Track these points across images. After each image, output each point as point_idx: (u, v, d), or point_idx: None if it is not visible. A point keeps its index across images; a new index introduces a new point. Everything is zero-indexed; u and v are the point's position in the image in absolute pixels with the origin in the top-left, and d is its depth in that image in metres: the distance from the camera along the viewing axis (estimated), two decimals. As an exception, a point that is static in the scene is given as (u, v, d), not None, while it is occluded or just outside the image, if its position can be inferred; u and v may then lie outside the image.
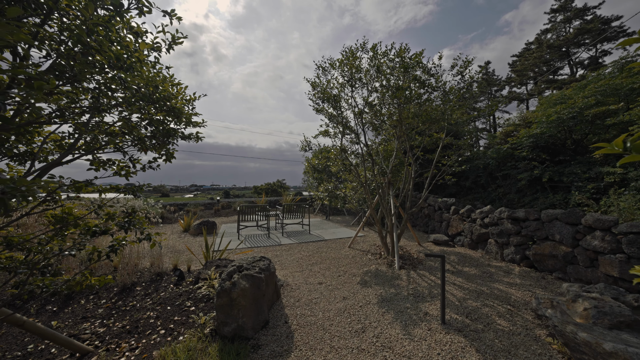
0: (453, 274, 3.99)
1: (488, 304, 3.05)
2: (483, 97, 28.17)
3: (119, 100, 1.87)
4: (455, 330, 2.52)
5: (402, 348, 2.27)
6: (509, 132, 10.47)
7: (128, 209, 2.26)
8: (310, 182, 12.19)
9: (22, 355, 2.24)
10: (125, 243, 2.25)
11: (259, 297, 2.58)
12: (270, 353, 2.23)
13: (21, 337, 2.51)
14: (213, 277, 3.32)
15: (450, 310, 2.91)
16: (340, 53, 4.82)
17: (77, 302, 3.22)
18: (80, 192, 1.82)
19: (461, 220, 5.72)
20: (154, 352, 2.25)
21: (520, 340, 2.36)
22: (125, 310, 3.00)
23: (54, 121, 1.97)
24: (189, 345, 2.24)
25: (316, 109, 5.21)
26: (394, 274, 4.03)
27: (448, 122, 5.02)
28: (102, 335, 2.54)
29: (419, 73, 4.57)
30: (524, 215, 4.25)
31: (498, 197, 7.12)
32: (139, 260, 4.15)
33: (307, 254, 5.22)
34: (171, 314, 2.88)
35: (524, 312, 2.86)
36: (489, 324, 2.63)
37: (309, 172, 11.58)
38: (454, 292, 3.38)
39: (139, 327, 2.66)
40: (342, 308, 2.98)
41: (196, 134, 2.98)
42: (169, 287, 3.52)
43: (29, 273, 1.98)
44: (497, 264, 4.41)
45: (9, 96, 1.07)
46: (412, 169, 5.09)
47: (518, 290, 3.40)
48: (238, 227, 6.99)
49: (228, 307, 2.35)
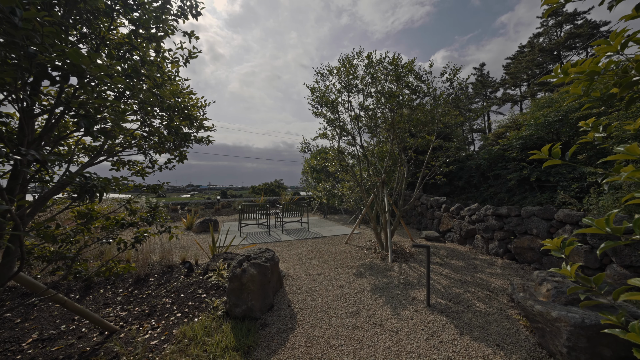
0: (441, 266, 4.34)
1: (470, 290, 3.40)
2: (478, 98, 28.70)
3: (155, 111, 2.18)
4: (438, 312, 2.86)
5: (391, 325, 2.60)
6: (500, 133, 10.88)
7: (151, 205, 2.57)
8: (308, 181, 12.52)
9: (57, 333, 2.54)
10: (147, 235, 2.57)
11: (265, 283, 2.90)
12: (276, 330, 2.55)
13: (52, 319, 2.81)
14: (221, 268, 3.63)
15: (435, 296, 3.25)
16: (338, 61, 5.15)
17: (97, 291, 3.51)
18: (123, 190, 2.12)
19: (451, 218, 6.08)
20: (173, 330, 2.56)
21: (494, 318, 2.71)
22: (142, 297, 3.31)
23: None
24: (204, 324, 2.56)
25: (315, 113, 5.54)
26: (387, 266, 4.37)
27: (438, 126, 5.37)
28: (125, 317, 2.84)
29: (411, 79, 4.92)
30: (506, 212, 4.62)
31: (490, 196, 7.50)
32: (149, 254, 4.45)
33: (307, 249, 5.55)
34: (185, 300, 3.19)
35: (501, 297, 3.21)
36: (468, 306, 2.98)
37: (307, 172, 11.91)
38: (441, 281, 3.73)
39: (157, 311, 2.97)
40: (339, 295, 3.32)
41: (207, 137, 3.30)
42: (180, 278, 3.82)
43: (72, 261, 2.29)
44: (482, 257, 4.77)
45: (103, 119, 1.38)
46: (405, 169, 5.44)
47: (498, 279, 3.76)
48: (239, 225, 7.29)
49: (239, 290, 2.67)
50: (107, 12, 1.72)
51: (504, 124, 10.98)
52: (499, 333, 2.45)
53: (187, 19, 2.14)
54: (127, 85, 1.36)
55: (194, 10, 2.10)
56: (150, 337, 2.47)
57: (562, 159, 1.19)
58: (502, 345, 2.27)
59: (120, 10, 1.75)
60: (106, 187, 1.22)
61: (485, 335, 2.43)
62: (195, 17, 2.15)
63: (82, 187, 1.09)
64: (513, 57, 26.25)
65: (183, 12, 2.09)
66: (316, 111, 5.53)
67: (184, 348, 2.23)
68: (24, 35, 0.82)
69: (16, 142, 1.44)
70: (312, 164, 10.32)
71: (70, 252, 2.42)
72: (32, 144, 1.59)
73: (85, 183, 1.09)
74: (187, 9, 2.08)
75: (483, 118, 27.38)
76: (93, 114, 1.14)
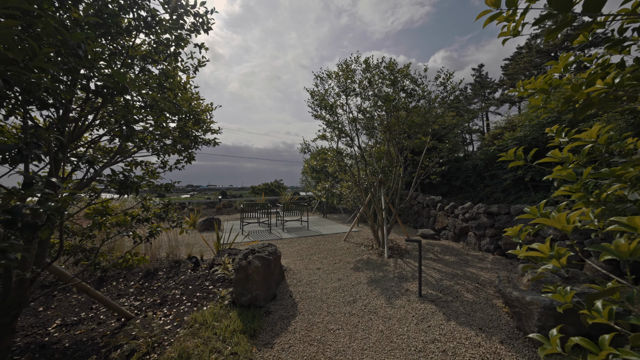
0: (435, 261, 4.57)
1: (460, 283, 3.63)
2: (477, 99, 28.96)
3: (171, 118, 2.42)
4: (429, 301, 3.09)
5: (385, 312, 2.83)
6: (496, 134, 11.10)
7: (164, 202, 2.80)
8: (308, 181, 12.75)
9: (77, 320, 2.77)
10: (160, 230, 2.79)
11: (268, 274, 3.13)
12: (279, 317, 2.78)
13: (71, 308, 3.03)
14: (227, 263, 3.86)
15: (427, 287, 3.48)
16: (337, 65, 5.39)
17: (110, 283, 3.74)
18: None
19: (446, 216, 6.32)
20: (185, 317, 2.79)
21: (479, 307, 2.94)
22: (152, 289, 3.53)
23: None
24: (213, 311, 2.79)
25: (315, 115, 5.77)
26: (383, 262, 4.60)
27: (432, 128, 5.61)
28: (139, 306, 3.07)
29: (407, 82, 5.15)
30: (497, 210, 4.85)
31: (486, 195, 7.73)
32: (157, 250, 4.67)
33: (307, 246, 5.78)
34: (193, 291, 3.42)
35: (488, 288, 3.44)
36: (457, 296, 3.21)
37: (307, 172, 12.14)
38: (433, 274, 3.96)
39: (168, 300, 3.20)
40: (337, 286, 3.54)
41: (214, 139, 3.53)
42: (187, 272, 4.05)
43: (91, 253, 2.52)
44: (475, 253, 5.00)
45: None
46: (401, 169, 5.67)
47: (487, 272, 3.99)
48: (241, 223, 7.52)
49: (244, 281, 2.90)
50: (130, 30, 1.96)
51: (500, 125, 11.20)
52: (483, 319, 2.68)
53: (199, 34, 2.37)
54: (153, 97, 1.59)
55: (205, 26, 2.33)
56: (164, 322, 2.70)
57: (525, 160, 1.43)
58: (484, 329, 2.50)
59: (142, 29, 1.98)
60: (141, 184, 1.45)
61: (470, 320, 2.66)
62: (206, 32, 2.38)
63: (123, 183, 1.31)
64: (511, 58, 26.50)
65: (195, 28, 2.32)
66: (316, 114, 5.77)
67: (195, 331, 2.46)
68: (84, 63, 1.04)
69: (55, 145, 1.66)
70: (312, 164, 10.56)
71: (86, 245, 2.66)
72: (67, 147, 1.81)
73: (125, 180, 1.31)
74: (199, 26, 2.31)
75: (482, 118, 27.63)
76: (133, 123, 1.36)
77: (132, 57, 1.83)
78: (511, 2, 1.00)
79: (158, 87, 1.74)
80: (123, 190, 1.33)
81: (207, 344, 2.26)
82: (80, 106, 1.69)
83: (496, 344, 2.28)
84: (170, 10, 2.11)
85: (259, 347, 2.29)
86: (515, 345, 2.25)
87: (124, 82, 1.10)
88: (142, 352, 2.15)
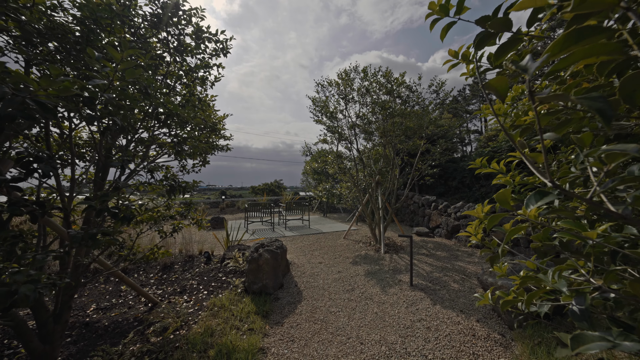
0: (427, 256, 4.97)
1: (448, 274, 4.03)
2: (475, 99, 29.39)
3: (197, 128, 2.82)
4: (419, 290, 3.48)
5: (379, 298, 3.23)
6: (491, 136, 11.51)
7: (187, 201, 3.18)
8: (309, 182, 13.15)
9: (110, 305, 3.16)
10: (182, 226, 3.18)
11: (276, 266, 3.52)
12: (287, 302, 3.18)
13: (102, 295, 3.42)
14: (237, 257, 4.25)
15: (418, 278, 3.88)
16: (337, 74, 5.78)
17: (131, 275, 4.12)
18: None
19: (440, 215, 6.71)
20: (204, 303, 3.18)
21: (463, 294, 3.33)
22: (171, 280, 3.92)
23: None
24: (229, 297, 3.18)
25: (316, 120, 6.16)
26: (379, 257, 4.99)
27: (425, 132, 6.01)
28: (161, 294, 3.46)
29: (403, 89, 5.55)
30: (485, 209, 5.24)
31: (481, 195, 8.10)
32: (171, 246, 5.06)
33: (308, 243, 6.17)
34: (208, 281, 3.81)
35: (473, 279, 3.84)
36: (444, 286, 3.60)
37: (308, 173, 12.54)
38: (425, 268, 4.35)
39: (187, 289, 3.59)
40: (337, 278, 3.94)
41: (227, 145, 3.92)
42: (200, 265, 4.44)
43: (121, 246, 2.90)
44: (464, 249, 5.40)
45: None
46: (397, 171, 6.06)
47: (474, 266, 4.38)
48: (246, 222, 7.91)
49: (256, 271, 3.29)
50: (163, 57, 2.35)
51: (496, 127, 11.59)
52: (465, 304, 3.08)
53: (219, 57, 2.77)
54: (189, 117, 1.97)
55: (224, 51, 2.72)
56: (187, 307, 3.09)
57: (492, 168, 1.82)
58: (464, 311, 2.89)
59: (175, 57, 2.38)
60: (186, 187, 1.83)
61: (453, 305, 3.05)
62: (225, 55, 2.78)
63: (172, 186, 1.70)
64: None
65: (216, 52, 2.72)
66: (317, 119, 6.16)
67: (215, 313, 2.85)
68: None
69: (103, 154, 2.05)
70: (313, 166, 10.96)
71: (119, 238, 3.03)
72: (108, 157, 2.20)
73: (174, 183, 1.69)
74: (219, 50, 2.70)
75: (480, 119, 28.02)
76: (184, 143, 1.76)
77: (169, 80, 2.21)
78: (465, 57, 1.39)
79: (191, 108, 2.13)
80: (171, 192, 1.71)
81: (226, 322, 2.65)
82: (147, 129, 2.09)
83: (473, 322, 2.67)
84: (195, 38, 2.51)
85: (271, 325, 2.69)
86: (488, 323, 2.65)
87: (177, 111, 1.47)
88: (174, 327, 2.54)
